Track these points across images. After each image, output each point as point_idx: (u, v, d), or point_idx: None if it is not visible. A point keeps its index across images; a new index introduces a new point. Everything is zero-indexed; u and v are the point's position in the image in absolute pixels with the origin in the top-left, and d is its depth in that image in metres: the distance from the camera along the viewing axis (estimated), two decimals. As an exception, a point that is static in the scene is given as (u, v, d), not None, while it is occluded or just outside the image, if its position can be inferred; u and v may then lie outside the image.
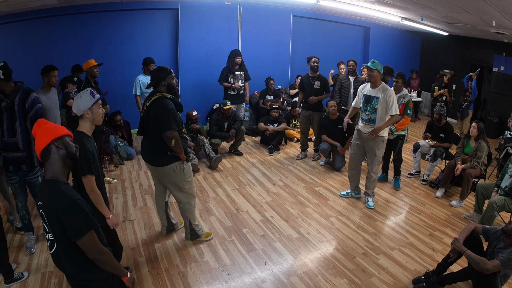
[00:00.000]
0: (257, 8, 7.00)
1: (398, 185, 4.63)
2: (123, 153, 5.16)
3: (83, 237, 1.51)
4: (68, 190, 1.54)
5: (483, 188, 3.84)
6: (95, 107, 2.15)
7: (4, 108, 2.68)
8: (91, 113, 2.14)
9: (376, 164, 4.00)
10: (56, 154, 1.56)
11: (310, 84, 5.21)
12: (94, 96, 2.14)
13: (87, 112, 2.12)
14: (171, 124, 2.72)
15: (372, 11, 6.42)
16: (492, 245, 2.64)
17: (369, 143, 3.92)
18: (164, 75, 2.82)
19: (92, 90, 2.16)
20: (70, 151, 1.59)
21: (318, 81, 5.19)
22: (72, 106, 2.16)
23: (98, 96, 2.17)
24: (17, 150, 2.78)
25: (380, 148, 3.93)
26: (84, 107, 2.11)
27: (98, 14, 5.85)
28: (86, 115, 2.13)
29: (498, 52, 7.38)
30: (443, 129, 4.80)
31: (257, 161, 5.42)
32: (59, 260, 1.63)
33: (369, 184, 4.10)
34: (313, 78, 5.22)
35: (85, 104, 2.11)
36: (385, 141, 3.98)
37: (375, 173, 4.04)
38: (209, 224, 3.63)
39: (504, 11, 4.26)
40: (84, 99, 2.12)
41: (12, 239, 3.20)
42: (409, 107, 4.32)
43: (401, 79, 4.35)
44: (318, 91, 5.20)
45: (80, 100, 2.12)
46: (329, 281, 2.83)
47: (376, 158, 3.95)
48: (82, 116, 2.14)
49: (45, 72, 3.49)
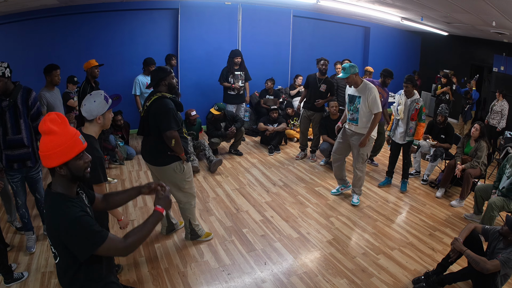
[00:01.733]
0: (257, 8, 7.00)
1: (405, 188, 4.54)
2: (123, 153, 5.16)
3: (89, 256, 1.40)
4: (71, 207, 1.41)
5: (481, 191, 3.84)
6: (107, 112, 2.08)
7: (7, 107, 2.70)
8: (102, 119, 2.07)
9: (360, 162, 3.98)
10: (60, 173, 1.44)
11: (316, 86, 5.16)
12: (108, 102, 2.06)
13: (99, 117, 2.05)
14: (171, 124, 2.73)
15: (372, 11, 6.42)
16: (491, 245, 2.64)
17: (354, 140, 3.95)
18: (164, 74, 2.83)
19: (106, 94, 2.08)
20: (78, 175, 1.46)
21: (324, 85, 5.14)
22: (82, 109, 2.04)
23: (111, 102, 2.08)
24: (23, 146, 2.82)
25: (366, 146, 3.91)
26: (97, 113, 2.03)
27: (98, 14, 5.85)
28: (98, 121, 2.05)
29: (498, 52, 7.38)
30: (444, 130, 4.80)
31: (257, 161, 5.42)
32: (60, 275, 1.57)
33: (355, 182, 4.11)
34: (320, 80, 5.16)
35: (98, 110, 2.03)
36: (372, 140, 3.95)
37: (360, 171, 4.03)
38: (209, 224, 3.63)
39: (504, 11, 4.26)
40: (98, 104, 2.02)
41: (12, 239, 3.20)
42: (422, 112, 4.13)
43: (410, 83, 4.13)
44: (323, 94, 5.17)
45: (94, 105, 2.01)
46: (329, 281, 2.83)
47: (360, 155, 3.95)
48: (93, 121, 2.06)
49: (47, 72, 3.58)
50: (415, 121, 4.15)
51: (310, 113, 5.32)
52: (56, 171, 1.42)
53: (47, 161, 1.40)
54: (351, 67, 3.72)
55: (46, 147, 1.39)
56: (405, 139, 4.26)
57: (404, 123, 4.22)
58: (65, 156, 1.40)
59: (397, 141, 4.37)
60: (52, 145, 1.38)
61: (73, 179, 1.47)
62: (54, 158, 1.39)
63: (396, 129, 4.34)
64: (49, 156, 1.39)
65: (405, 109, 4.17)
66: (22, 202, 2.99)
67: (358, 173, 4.04)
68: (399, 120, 4.28)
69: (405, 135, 4.24)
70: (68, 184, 1.47)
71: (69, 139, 1.41)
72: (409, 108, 4.14)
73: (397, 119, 4.32)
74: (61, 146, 1.39)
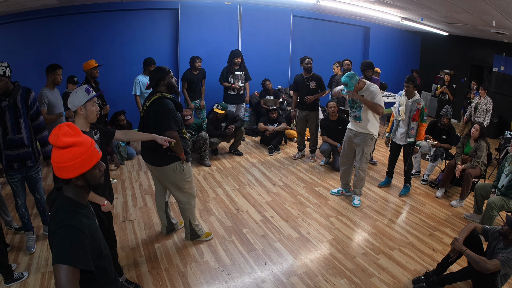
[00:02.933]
0: (257, 8, 7.01)
1: (405, 193, 4.45)
2: (124, 153, 5.17)
3: (55, 265, 1.22)
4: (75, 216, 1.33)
5: (481, 190, 3.84)
6: (89, 104, 2.17)
7: (6, 107, 2.71)
8: (84, 110, 2.16)
9: (364, 162, 4.02)
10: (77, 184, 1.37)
11: (306, 85, 5.16)
12: (89, 93, 2.17)
13: (81, 108, 2.15)
14: (171, 124, 2.73)
15: (372, 11, 6.42)
16: (491, 245, 2.64)
17: (357, 140, 3.97)
18: (163, 74, 2.82)
19: (88, 87, 2.20)
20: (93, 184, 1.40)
21: (313, 81, 5.14)
22: (67, 101, 2.19)
23: (93, 94, 2.19)
24: (23, 146, 2.83)
25: (368, 146, 3.96)
26: (78, 103, 2.14)
27: (98, 14, 5.85)
28: (80, 111, 2.15)
29: (498, 52, 7.39)
30: (445, 130, 4.79)
31: (257, 161, 5.42)
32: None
33: (356, 183, 4.12)
34: (307, 78, 5.16)
35: (79, 100, 2.14)
36: (374, 139, 4.00)
37: (363, 171, 4.06)
38: (209, 224, 3.63)
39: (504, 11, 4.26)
40: (78, 95, 2.15)
41: (12, 239, 3.20)
42: (424, 112, 4.10)
43: (412, 83, 4.10)
44: (314, 91, 5.17)
45: (75, 96, 2.15)
46: (329, 281, 2.83)
47: (364, 155, 3.98)
48: (76, 112, 2.17)
49: (51, 70, 3.60)
50: (416, 121, 4.13)
51: (305, 113, 5.30)
52: (73, 182, 1.35)
53: (64, 172, 1.32)
54: (352, 79, 3.72)
55: (63, 159, 1.30)
56: (406, 140, 4.25)
57: (405, 124, 4.22)
58: (83, 167, 1.33)
59: (397, 142, 4.37)
60: (70, 157, 1.30)
61: (88, 187, 1.41)
62: (72, 169, 1.31)
63: (397, 130, 4.34)
64: (67, 168, 1.31)
65: (407, 110, 4.17)
66: (22, 202, 2.99)
67: (360, 174, 4.06)
68: (400, 121, 4.28)
69: (406, 136, 4.24)
70: (81, 192, 1.41)
71: (87, 150, 1.34)
72: (410, 108, 4.13)
73: (398, 120, 4.31)
74: (79, 158, 1.32)
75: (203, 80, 5.94)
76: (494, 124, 7.34)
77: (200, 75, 5.85)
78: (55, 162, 1.32)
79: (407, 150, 4.34)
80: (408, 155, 4.36)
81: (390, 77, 8.47)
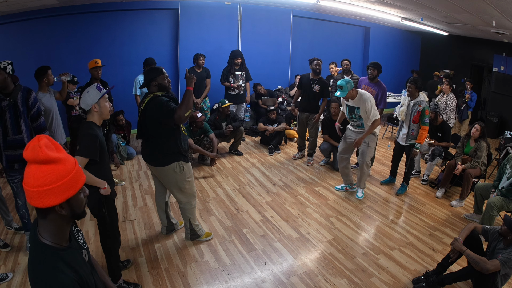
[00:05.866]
0: (257, 8, 7.01)
1: (401, 192, 4.48)
2: (124, 153, 5.17)
3: None
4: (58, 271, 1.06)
5: (481, 190, 3.84)
6: (102, 101, 2.26)
7: (7, 107, 2.70)
8: (98, 107, 2.25)
9: (367, 155, 4.11)
10: (58, 214, 1.09)
11: (310, 86, 5.14)
12: (101, 91, 2.25)
13: (95, 106, 2.23)
14: (172, 108, 2.58)
15: (372, 11, 6.43)
16: (491, 245, 2.64)
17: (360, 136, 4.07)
18: (155, 75, 2.75)
19: (98, 85, 2.29)
20: (78, 213, 1.14)
21: (318, 85, 5.11)
22: (80, 101, 2.26)
23: (104, 91, 2.27)
24: (23, 146, 2.78)
25: (372, 140, 4.09)
26: (92, 101, 2.22)
27: (98, 14, 5.85)
28: (94, 109, 2.24)
29: (498, 52, 7.39)
30: (439, 128, 4.79)
31: (257, 161, 5.42)
32: None
33: (360, 176, 4.24)
34: (313, 80, 5.14)
35: (92, 99, 2.22)
36: (376, 135, 4.13)
37: (366, 166, 4.18)
38: (209, 224, 3.63)
39: (504, 11, 4.27)
40: (91, 93, 2.23)
41: (12, 239, 3.20)
42: (425, 115, 4.00)
43: (414, 84, 4.08)
44: (316, 94, 5.15)
45: (87, 95, 2.23)
46: (329, 281, 2.83)
47: (369, 149, 4.09)
48: (90, 110, 2.25)
49: (42, 74, 3.52)
50: (417, 123, 4.11)
51: (306, 115, 5.28)
52: (56, 211, 1.07)
53: (46, 198, 1.02)
54: (347, 84, 3.77)
55: (46, 180, 1.01)
56: (407, 141, 4.26)
57: (406, 125, 4.24)
58: (70, 190, 1.06)
59: (400, 142, 4.37)
60: (54, 177, 1.02)
61: (72, 217, 1.14)
62: (57, 193, 1.03)
63: (400, 130, 4.36)
64: (51, 191, 1.02)
65: (407, 111, 4.17)
66: (22, 203, 2.98)
67: (364, 168, 4.18)
68: (403, 121, 4.30)
69: (407, 137, 4.24)
70: (62, 228, 1.13)
71: (72, 169, 1.08)
72: (411, 110, 4.13)
73: (402, 121, 4.34)
74: (65, 178, 1.05)
75: (207, 79, 5.88)
76: (494, 124, 7.35)
77: (203, 74, 5.79)
78: (34, 186, 1.01)
79: (408, 151, 4.35)
80: (409, 156, 4.37)
81: (390, 77, 8.44)
